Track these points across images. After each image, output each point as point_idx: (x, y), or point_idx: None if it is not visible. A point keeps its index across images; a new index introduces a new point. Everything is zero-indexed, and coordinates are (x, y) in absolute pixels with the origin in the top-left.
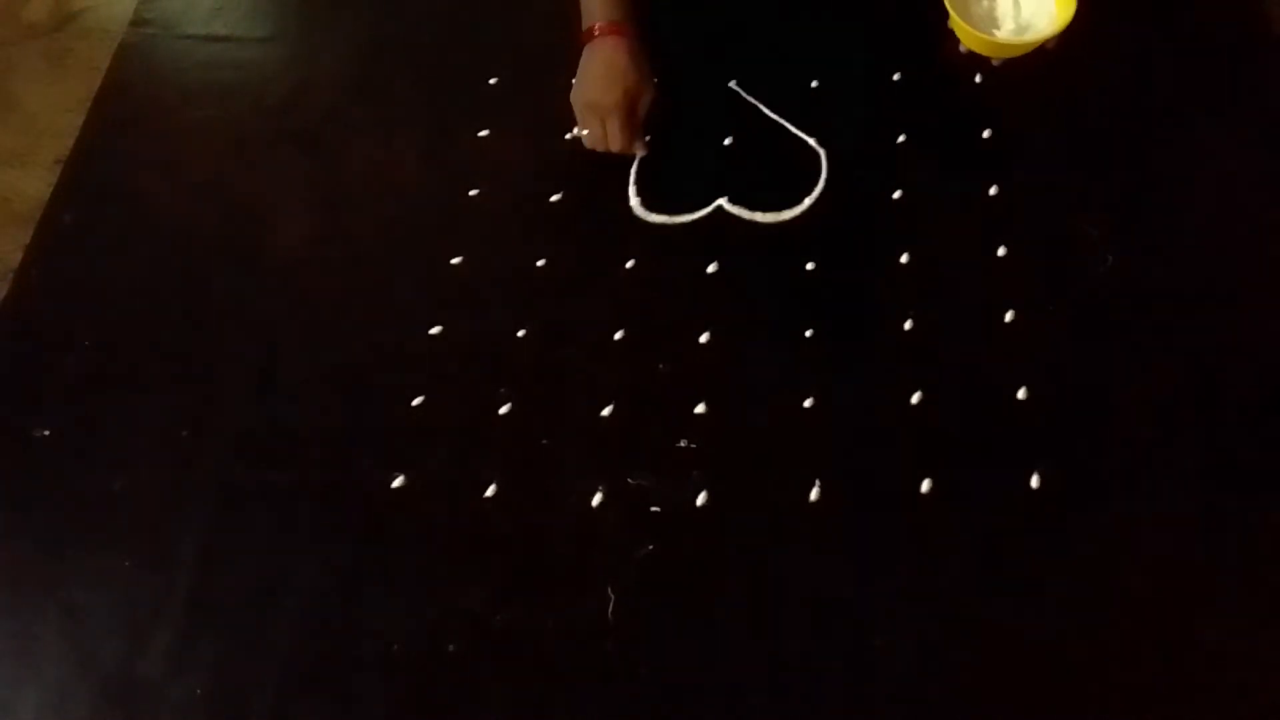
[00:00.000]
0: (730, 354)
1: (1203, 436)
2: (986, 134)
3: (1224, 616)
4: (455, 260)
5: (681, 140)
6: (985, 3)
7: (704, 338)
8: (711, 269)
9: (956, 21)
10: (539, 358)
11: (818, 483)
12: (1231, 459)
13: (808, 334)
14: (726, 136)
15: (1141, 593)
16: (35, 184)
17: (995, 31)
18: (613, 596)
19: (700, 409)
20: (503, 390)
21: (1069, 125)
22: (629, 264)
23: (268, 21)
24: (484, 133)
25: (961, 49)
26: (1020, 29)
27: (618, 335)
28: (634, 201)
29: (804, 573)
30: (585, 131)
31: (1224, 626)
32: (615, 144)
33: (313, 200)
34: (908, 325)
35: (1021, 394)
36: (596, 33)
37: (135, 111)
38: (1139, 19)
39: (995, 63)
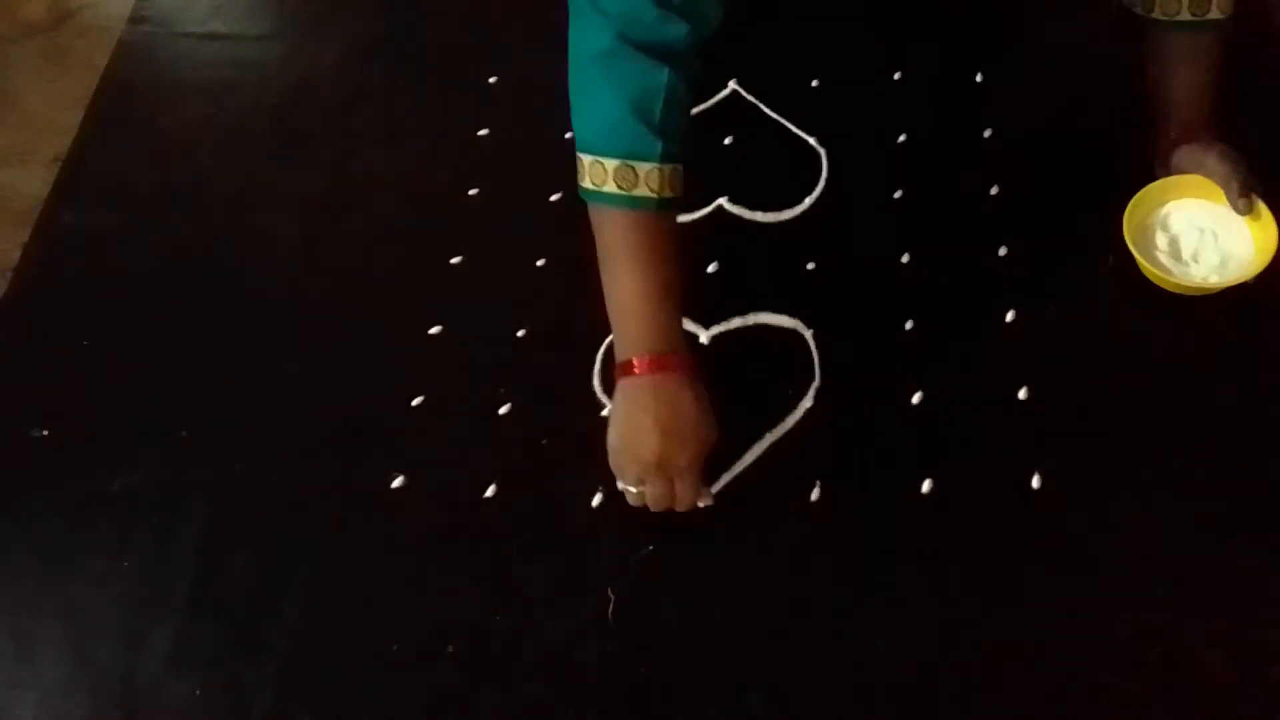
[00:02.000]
0: (730, 354)
1: (1203, 436)
2: (987, 134)
3: (1225, 616)
4: (455, 260)
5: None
6: (1167, 235)
7: (704, 338)
8: (711, 269)
9: (1141, 263)
10: (539, 358)
11: (818, 483)
12: (1232, 459)
13: (808, 334)
14: (726, 136)
15: (1142, 593)
16: (34, 182)
17: (1185, 271)
18: (613, 596)
19: None
20: (503, 390)
21: (1069, 125)
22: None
23: (267, 20)
24: (484, 132)
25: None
26: (1215, 265)
27: None
28: None
29: (804, 573)
30: (637, 489)
31: (1225, 626)
32: (683, 504)
33: (312, 199)
34: (908, 325)
35: (1022, 394)
36: (645, 369)
37: (134, 109)
38: (1140, 18)
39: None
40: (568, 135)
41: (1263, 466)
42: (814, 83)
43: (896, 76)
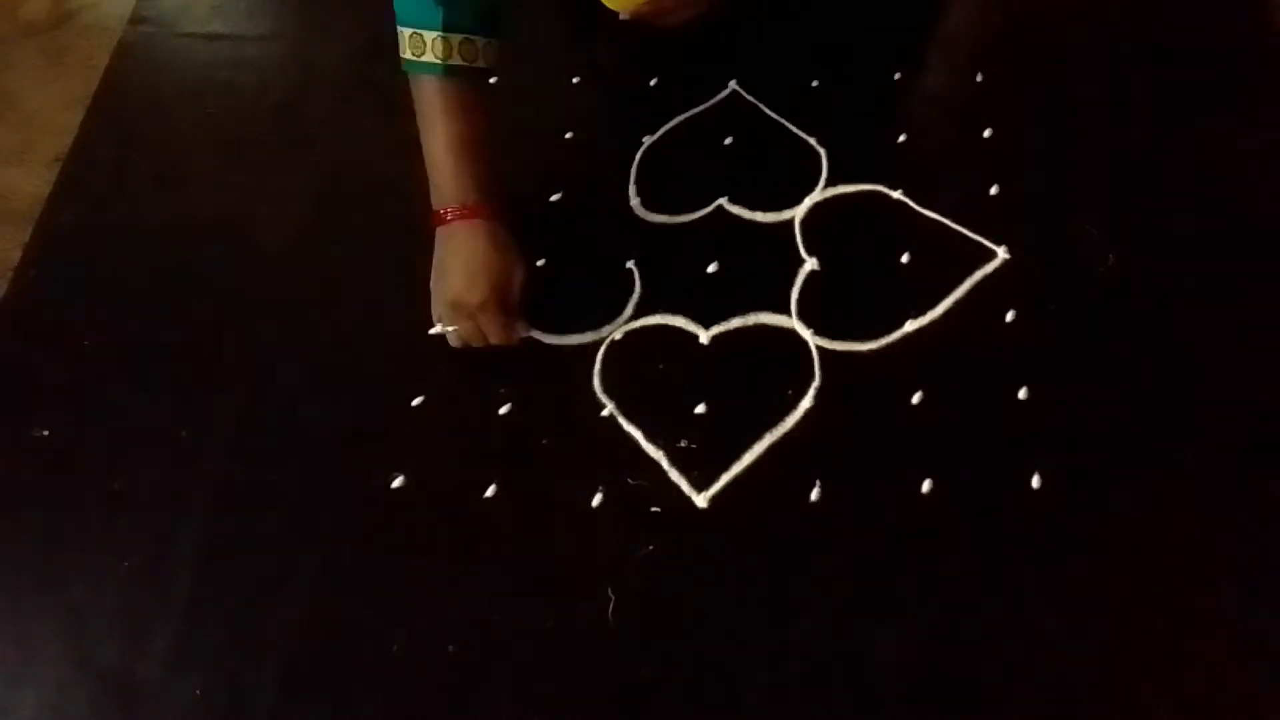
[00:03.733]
0: (730, 354)
1: (1203, 436)
2: (987, 134)
3: (1225, 616)
4: None
5: (681, 140)
6: None
7: (704, 338)
8: (711, 269)
9: None
10: (539, 358)
11: (818, 483)
12: (1232, 459)
13: (808, 334)
14: (726, 136)
15: (1142, 593)
16: (34, 182)
17: None
18: (613, 596)
19: (700, 409)
20: (503, 390)
21: (1069, 125)
22: (629, 264)
23: (267, 20)
24: None
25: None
26: None
27: (618, 335)
28: (634, 201)
29: (804, 573)
30: (451, 329)
31: (1225, 626)
32: (493, 338)
33: (312, 199)
34: (908, 325)
35: (1022, 394)
36: (449, 217)
37: (134, 110)
38: (1140, 18)
39: (624, 16)
40: (568, 135)
41: (1264, 466)
42: (814, 83)
43: (896, 77)
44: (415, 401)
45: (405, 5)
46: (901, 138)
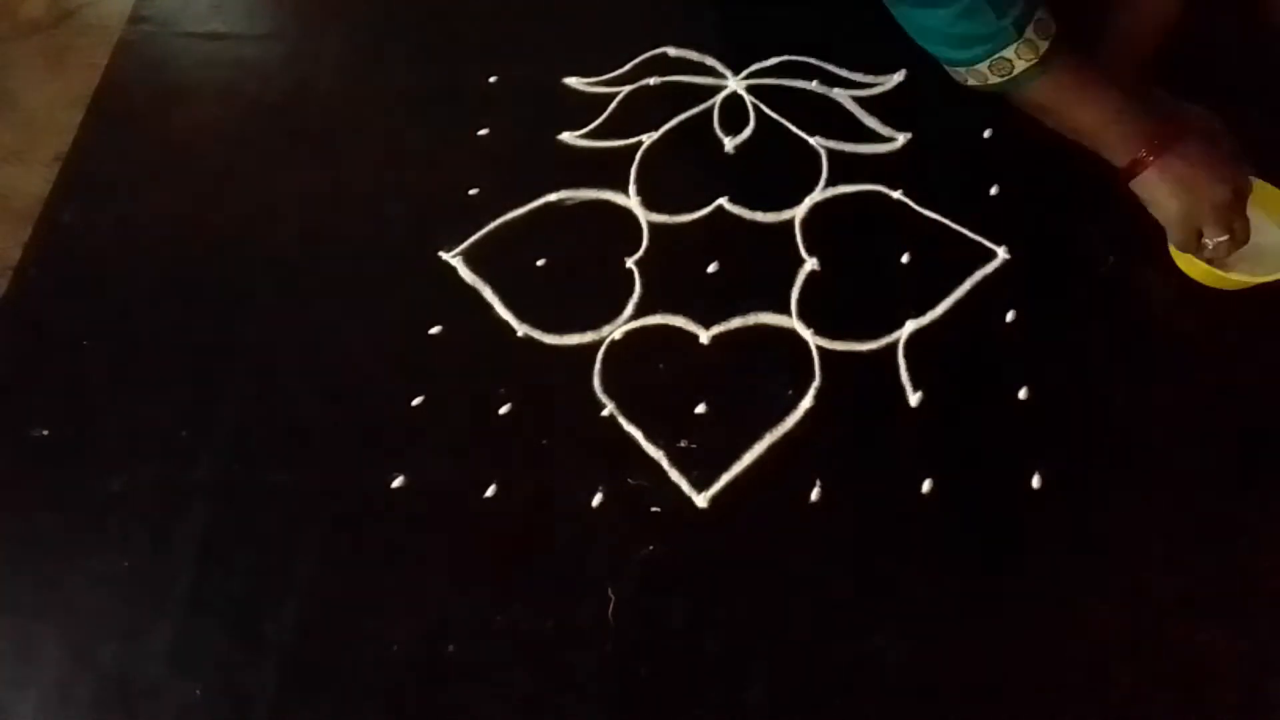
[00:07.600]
0: (730, 354)
1: (1204, 436)
2: (987, 134)
3: (1225, 617)
4: (455, 260)
5: (681, 140)
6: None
7: (704, 338)
8: (711, 269)
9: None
10: (539, 358)
11: (818, 483)
12: (1232, 459)
13: (808, 334)
14: (726, 136)
15: (1143, 594)
16: (34, 181)
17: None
18: (613, 597)
19: (700, 409)
20: (503, 390)
21: None
22: (629, 264)
23: (266, 19)
24: (484, 132)
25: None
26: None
27: (618, 335)
28: (634, 201)
29: (804, 573)
30: (1224, 238)
31: (1226, 627)
32: (1246, 233)
33: (312, 199)
34: (908, 325)
35: (1022, 394)
36: (1156, 152)
37: (134, 109)
38: None
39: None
40: (563, 135)
41: (1265, 467)
42: (814, 83)
43: (897, 77)
44: (415, 401)
45: (963, 41)
46: (902, 138)
